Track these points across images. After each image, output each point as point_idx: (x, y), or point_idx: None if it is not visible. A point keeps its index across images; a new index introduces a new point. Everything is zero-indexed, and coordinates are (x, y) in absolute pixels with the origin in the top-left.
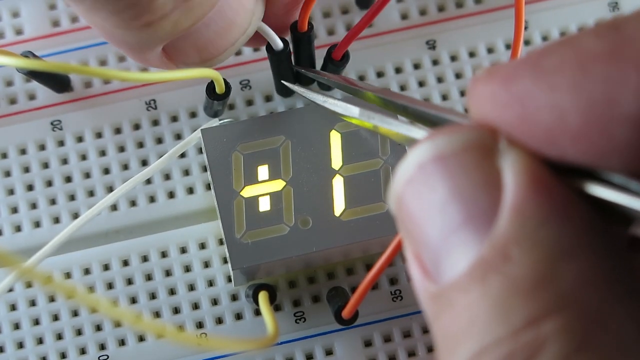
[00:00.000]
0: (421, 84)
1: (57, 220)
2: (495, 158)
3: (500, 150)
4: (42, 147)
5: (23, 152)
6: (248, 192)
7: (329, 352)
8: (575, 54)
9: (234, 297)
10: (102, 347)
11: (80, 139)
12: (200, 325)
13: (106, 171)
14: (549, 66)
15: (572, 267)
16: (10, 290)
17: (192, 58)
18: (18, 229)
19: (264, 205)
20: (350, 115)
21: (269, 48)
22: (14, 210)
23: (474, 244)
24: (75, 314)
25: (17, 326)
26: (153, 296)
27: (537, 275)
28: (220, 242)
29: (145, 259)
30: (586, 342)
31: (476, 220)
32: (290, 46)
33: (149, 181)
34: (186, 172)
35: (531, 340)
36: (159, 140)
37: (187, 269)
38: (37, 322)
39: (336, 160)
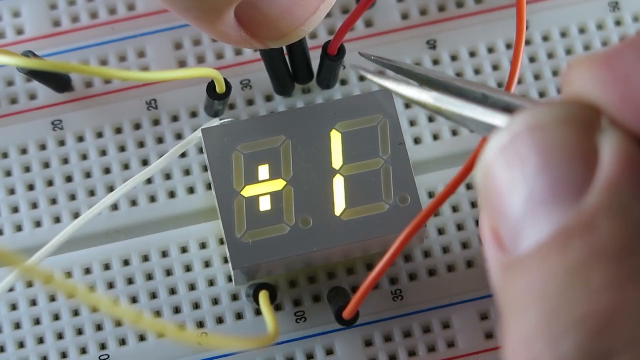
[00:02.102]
0: None
1: (57, 219)
2: (594, 134)
3: (602, 127)
4: (43, 147)
5: (24, 151)
6: (248, 191)
7: (329, 352)
8: None
9: (235, 297)
10: (103, 346)
11: (80, 139)
12: (200, 324)
13: (107, 171)
14: None
15: None
16: (11, 289)
17: (272, 32)
18: (19, 228)
19: (265, 204)
20: (424, 101)
21: None
22: (15, 209)
23: (559, 214)
24: (75, 313)
25: (17, 325)
26: (154, 296)
27: (622, 243)
28: (221, 242)
29: (145, 258)
30: None
31: (566, 192)
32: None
33: (149, 181)
34: (187, 172)
35: (611, 303)
36: (160, 140)
37: (188, 268)
38: (37, 321)
39: (336, 160)
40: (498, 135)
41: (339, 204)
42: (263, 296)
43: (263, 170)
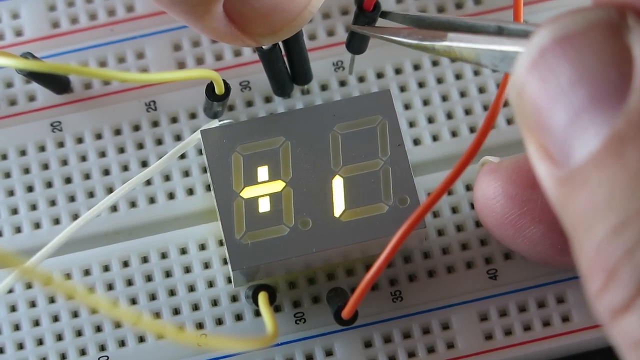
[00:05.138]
0: (421, 85)
1: (57, 221)
2: (623, 34)
3: (629, 26)
4: (42, 149)
5: (23, 153)
6: (248, 193)
7: (329, 353)
8: None
9: (234, 298)
10: (102, 348)
11: (80, 140)
12: (200, 326)
13: (106, 172)
14: None
15: None
16: (11, 291)
17: (262, 27)
18: (18, 230)
19: (264, 206)
20: (431, 45)
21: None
22: (14, 211)
23: (606, 120)
24: (75, 314)
25: (17, 327)
26: (153, 297)
27: None
28: (220, 243)
29: (145, 260)
30: None
31: (607, 97)
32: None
33: (148, 182)
34: (186, 173)
35: None
36: (159, 142)
37: (187, 270)
38: (37, 323)
39: (336, 161)
40: (526, 52)
41: (339, 206)
42: (262, 297)
43: (262, 172)
